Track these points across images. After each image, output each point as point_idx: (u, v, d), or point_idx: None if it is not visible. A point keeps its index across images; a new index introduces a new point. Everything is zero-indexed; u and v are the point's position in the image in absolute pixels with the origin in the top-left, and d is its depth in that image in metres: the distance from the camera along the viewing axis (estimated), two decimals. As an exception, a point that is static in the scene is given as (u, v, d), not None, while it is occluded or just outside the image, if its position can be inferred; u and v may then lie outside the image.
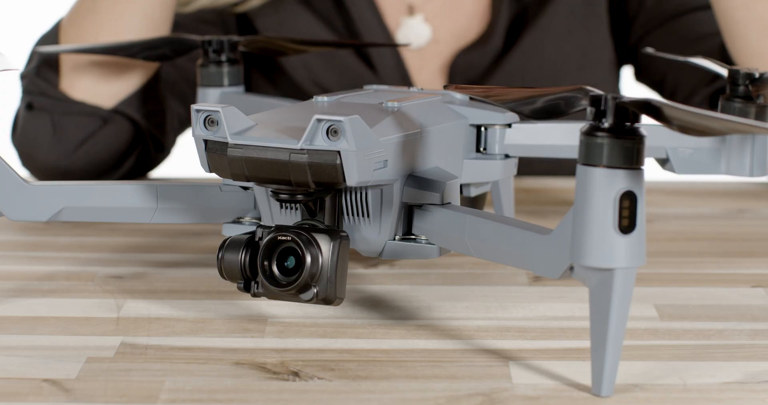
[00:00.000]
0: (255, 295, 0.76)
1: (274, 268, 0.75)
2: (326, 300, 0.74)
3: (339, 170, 0.72)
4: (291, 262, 0.75)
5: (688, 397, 0.67)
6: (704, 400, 0.67)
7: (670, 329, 0.77)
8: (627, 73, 1.31)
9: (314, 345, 0.74)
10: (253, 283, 0.76)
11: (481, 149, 0.85)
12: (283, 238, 0.74)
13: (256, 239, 0.76)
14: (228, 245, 0.76)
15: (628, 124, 0.65)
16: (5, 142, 1.14)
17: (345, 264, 0.75)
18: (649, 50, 1.04)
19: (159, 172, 1.19)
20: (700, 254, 0.95)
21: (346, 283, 0.75)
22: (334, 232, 0.74)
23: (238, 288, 0.76)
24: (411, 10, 1.21)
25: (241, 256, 0.75)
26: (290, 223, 0.79)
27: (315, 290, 0.74)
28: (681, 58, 0.97)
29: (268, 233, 0.75)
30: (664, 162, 0.92)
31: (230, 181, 0.81)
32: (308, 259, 0.73)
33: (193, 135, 0.75)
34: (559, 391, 0.68)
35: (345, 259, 0.75)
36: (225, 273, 0.76)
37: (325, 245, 0.74)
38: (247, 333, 0.76)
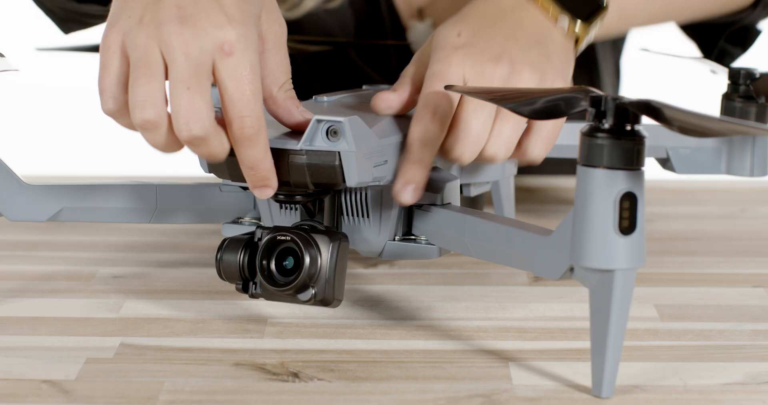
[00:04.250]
0: (253, 296, 0.76)
1: (273, 268, 0.75)
2: (324, 301, 0.74)
3: (338, 171, 0.72)
4: (290, 262, 0.74)
5: (688, 398, 0.67)
6: (705, 401, 0.67)
7: (671, 330, 0.77)
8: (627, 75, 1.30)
9: (314, 346, 0.74)
10: (251, 283, 0.76)
11: (481, 149, 0.85)
12: (283, 238, 0.74)
13: (255, 240, 0.75)
14: (227, 246, 0.76)
15: (628, 125, 0.64)
16: (5, 143, 1.14)
17: (344, 266, 0.74)
18: (647, 49, 1.03)
19: (159, 172, 1.19)
20: (701, 254, 0.95)
21: (344, 284, 0.75)
22: (334, 234, 0.74)
23: (237, 289, 0.76)
24: (420, 14, 1.20)
25: (239, 257, 0.75)
26: (289, 224, 0.79)
27: (313, 291, 0.74)
28: (681, 57, 0.97)
29: (268, 233, 0.75)
30: (664, 162, 0.92)
31: (230, 182, 0.81)
32: (307, 259, 0.73)
33: (193, 135, 0.74)
34: (559, 393, 0.68)
35: (344, 261, 0.74)
36: (223, 273, 0.76)
37: (325, 246, 0.74)
38: (246, 334, 0.76)
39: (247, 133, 0.69)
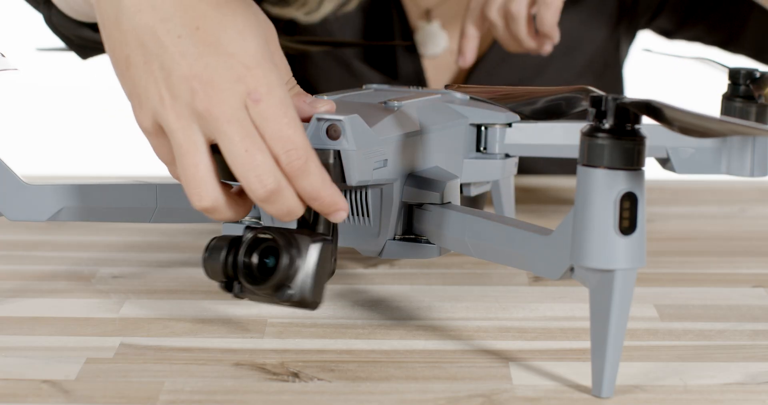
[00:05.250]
0: (237, 296, 0.75)
1: (253, 266, 0.73)
2: (302, 303, 0.72)
3: (338, 170, 0.72)
4: (271, 261, 0.73)
5: (688, 398, 0.67)
6: (705, 401, 0.67)
7: (671, 330, 0.77)
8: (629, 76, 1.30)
9: (314, 346, 0.74)
10: (235, 283, 0.75)
11: (482, 149, 0.85)
12: (264, 236, 0.73)
13: (243, 239, 0.75)
14: (213, 244, 0.75)
15: (628, 125, 0.64)
16: (5, 143, 1.14)
17: (324, 268, 0.73)
18: (649, 50, 1.04)
19: (159, 171, 1.19)
20: (701, 254, 0.95)
21: (324, 287, 0.73)
22: (316, 235, 0.73)
23: (220, 287, 0.75)
24: (428, 15, 1.20)
25: (223, 255, 0.74)
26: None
27: (291, 292, 0.72)
28: (681, 57, 0.97)
29: (251, 231, 0.74)
30: (664, 162, 0.92)
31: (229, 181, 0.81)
32: (285, 259, 0.72)
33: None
34: (559, 393, 0.68)
35: (325, 264, 0.73)
36: (208, 271, 0.75)
37: (305, 247, 0.72)
38: (246, 334, 0.76)
39: (297, 165, 0.68)
